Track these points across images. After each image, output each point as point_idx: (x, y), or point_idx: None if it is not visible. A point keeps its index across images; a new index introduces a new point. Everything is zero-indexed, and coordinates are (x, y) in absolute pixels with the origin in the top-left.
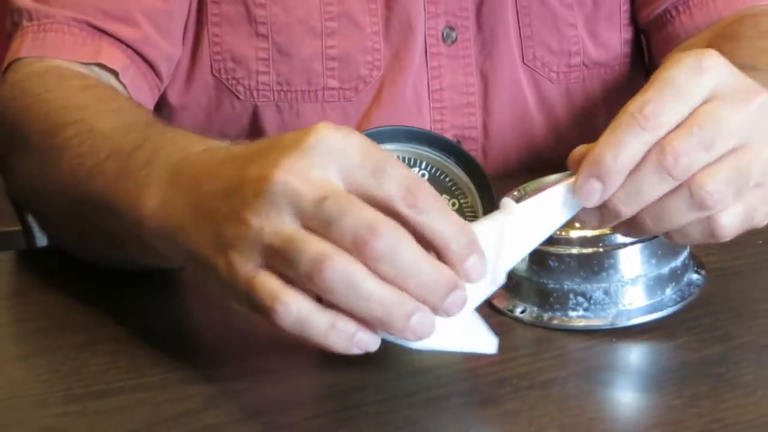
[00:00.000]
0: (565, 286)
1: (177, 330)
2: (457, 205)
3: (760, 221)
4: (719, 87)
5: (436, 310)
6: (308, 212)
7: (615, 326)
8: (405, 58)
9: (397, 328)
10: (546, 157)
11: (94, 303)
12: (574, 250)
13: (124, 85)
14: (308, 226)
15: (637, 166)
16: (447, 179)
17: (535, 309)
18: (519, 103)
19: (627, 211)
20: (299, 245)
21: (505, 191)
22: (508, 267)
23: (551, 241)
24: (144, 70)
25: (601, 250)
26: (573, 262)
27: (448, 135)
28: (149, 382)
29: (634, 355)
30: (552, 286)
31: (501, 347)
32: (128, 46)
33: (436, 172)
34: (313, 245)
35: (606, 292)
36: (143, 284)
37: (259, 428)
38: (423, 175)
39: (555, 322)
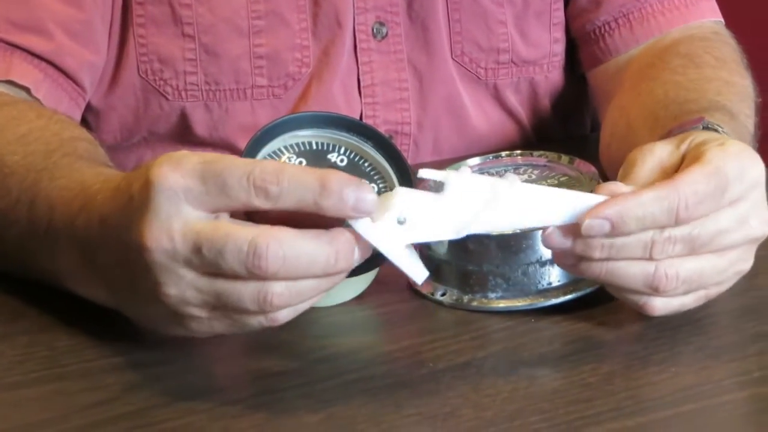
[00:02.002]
0: (485, 268)
1: (94, 319)
2: (376, 190)
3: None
4: (745, 194)
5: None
6: (196, 263)
7: (534, 307)
8: (334, 55)
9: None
10: (478, 153)
11: (11, 294)
12: (493, 232)
13: (39, 100)
14: (206, 272)
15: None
16: (366, 164)
17: (456, 291)
18: (454, 98)
19: (598, 255)
20: (227, 295)
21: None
22: (478, 230)
23: None
24: (61, 81)
25: (519, 231)
26: (492, 244)
27: (381, 130)
28: (66, 372)
29: (553, 334)
30: (471, 268)
31: (420, 330)
32: (42, 58)
33: (354, 157)
34: (244, 290)
35: (525, 273)
36: None
37: (176, 414)
38: (342, 160)
39: (475, 303)
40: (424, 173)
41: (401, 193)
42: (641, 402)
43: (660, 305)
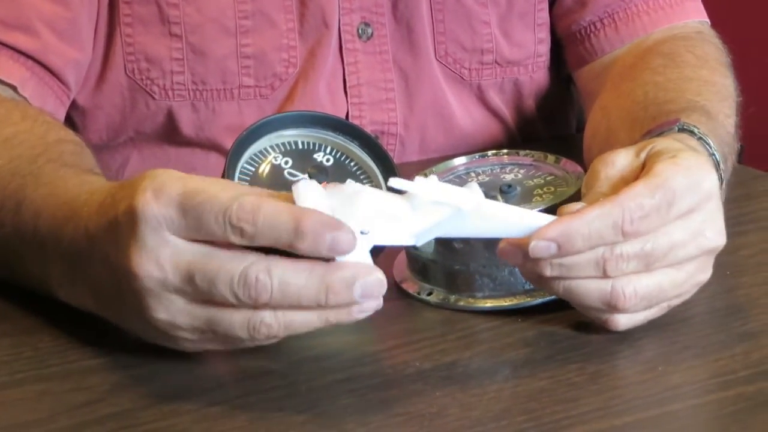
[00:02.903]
0: (471, 268)
1: (79, 320)
2: None
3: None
4: (697, 206)
5: (353, 303)
6: (188, 291)
7: (521, 306)
8: (320, 55)
9: (348, 321)
10: (464, 153)
11: None
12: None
13: (25, 99)
14: (197, 299)
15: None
16: (352, 163)
17: (442, 291)
18: (439, 98)
19: (548, 273)
20: (217, 322)
21: (411, 175)
22: (436, 236)
23: None
24: (47, 80)
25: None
26: (478, 244)
27: (368, 130)
28: (52, 373)
29: (539, 334)
30: (458, 267)
31: (406, 330)
32: (28, 56)
33: (340, 156)
34: (235, 317)
35: (511, 273)
36: None
37: (161, 415)
38: (328, 160)
39: (461, 303)
40: (394, 183)
41: (366, 198)
42: (627, 401)
43: (624, 321)
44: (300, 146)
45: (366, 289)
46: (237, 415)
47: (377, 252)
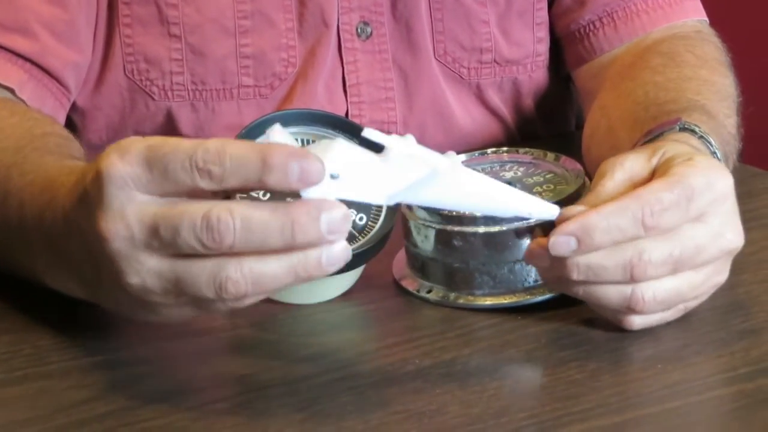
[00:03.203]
0: (471, 265)
1: (78, 318)
2: None
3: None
4: (714, 207)
5: (321, 240)
6: (155, 246)
7: (520, 304)
8: (319, 54)
9: (318, 274)
10: (463, 151)
11: None
12: (480, 229)
13: (23, 101)
14: (165, 255)
15: (611, 255)
16: None
17: (442, 288)
18: (438, 97)
19: (575, 276)
20: (183, 281)
21: None
22: (409, 201)
23: (456, 220)
24: (46, 82)
25: (505, 228)
26: (478, 241)
27: None
28: (51, 370)
29: (539, 331)
30: (457, 265)
31: (406, 327)
32: (27, 59)
33: None
34: (201, 273)
35: (511, 271)
36: None
37: (160, 412)
38: None
39: (461, 301)
40: (368, 133)
41: (339, 147)
42: (628, 398)
43: (639, 322)
44: (300, 144)
45: (332, 223)
46: (236, 413)
47: (366, 258)
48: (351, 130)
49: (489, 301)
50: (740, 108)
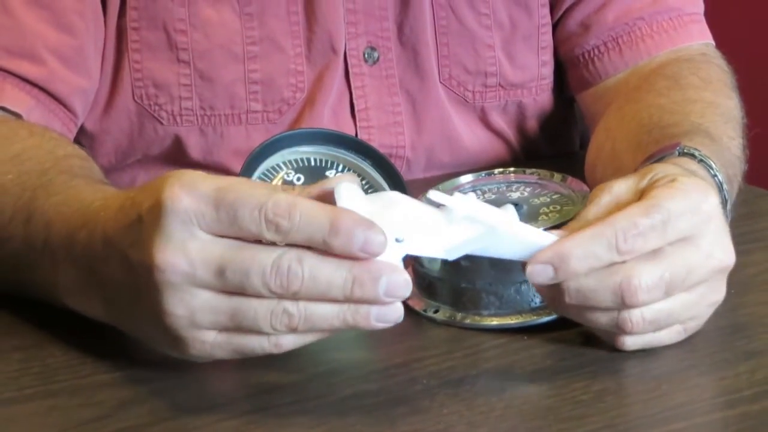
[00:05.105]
0: (478, 286)
1: (89, 335)
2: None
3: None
4: (701, 228)
5: (377, 300)
6: (216, 285)
7: (527, 324)
8: (327, 79)
9: (365, 326)
10: (469, 171)
11: (3, 310)
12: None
13: None
14: (224, 291)
15: (601, 280)
16: (363, 181)
17: (449, 308)
18: (445, 121)
19: (567, 300)
20: (242, 313)
21: (418, 192)
22: (466, 253)
23: None
24: (53, 107)
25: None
26: (485, 262)
27: None
28: (61, 388)
29: (545, 352)
30: (464, 285)
31: (413, 347)
32: (34, 85)
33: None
34: (260, 307)
35: (518, 291)
36: None
37: (170, 431)
38: None
39: (468, 321)
40: (432, 195)
41: (403, 206)
42: (633, 419)
43: (630, 342)
44: (312, 163)
45: (391, 286)
46: (248, 431)
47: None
48: (363, 151)
49: (496, 321)
50: (746, 129)
